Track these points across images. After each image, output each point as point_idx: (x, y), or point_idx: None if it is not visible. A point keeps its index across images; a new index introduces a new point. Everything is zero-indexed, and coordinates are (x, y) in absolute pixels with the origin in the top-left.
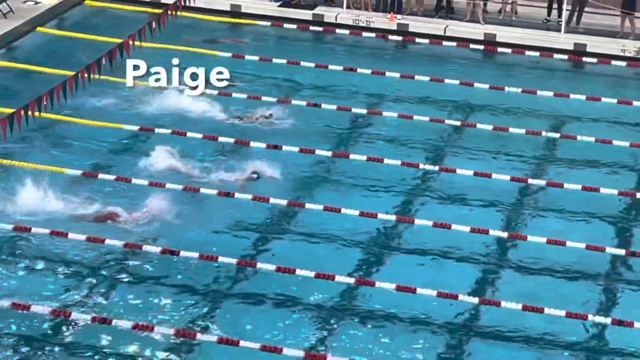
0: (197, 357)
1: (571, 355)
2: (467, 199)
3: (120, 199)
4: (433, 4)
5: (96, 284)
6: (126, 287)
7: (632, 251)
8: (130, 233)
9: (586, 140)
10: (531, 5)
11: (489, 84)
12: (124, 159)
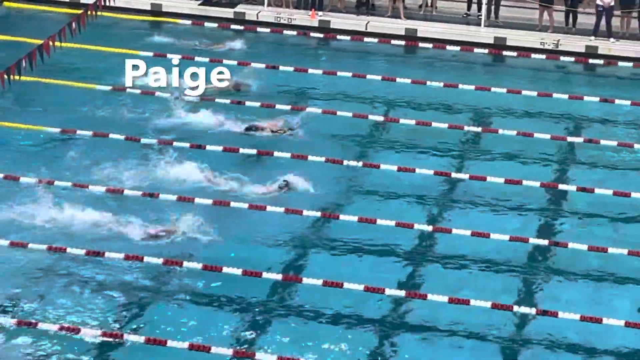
0: None
1: (498, 346)
2: (390, 194)
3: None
4: (354, 0)
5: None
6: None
7: (555, 241)
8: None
9: (508, 133)
10: (451, 0)
11: (410, 78)
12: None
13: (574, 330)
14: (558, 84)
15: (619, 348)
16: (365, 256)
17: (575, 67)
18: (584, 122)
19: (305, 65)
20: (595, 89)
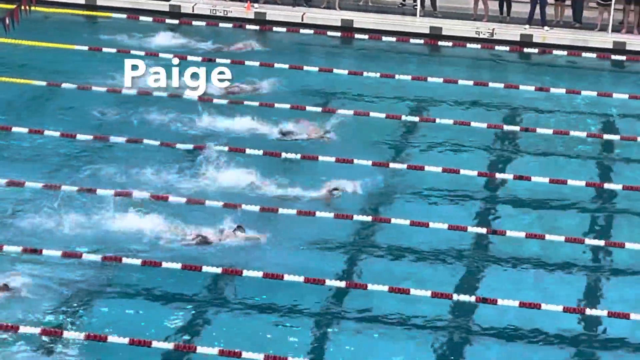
0: None
1: (439, 335)
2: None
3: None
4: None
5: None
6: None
7: (494, 230)
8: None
9: (445, 122)
10: None
11: (347, 69)
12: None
13: (514, 316)
14: (494, 73)
15: (558, 333)
16: None
17: (510, 55)
18: (520, 110)
19: (242, 58)
20: (531, 77)
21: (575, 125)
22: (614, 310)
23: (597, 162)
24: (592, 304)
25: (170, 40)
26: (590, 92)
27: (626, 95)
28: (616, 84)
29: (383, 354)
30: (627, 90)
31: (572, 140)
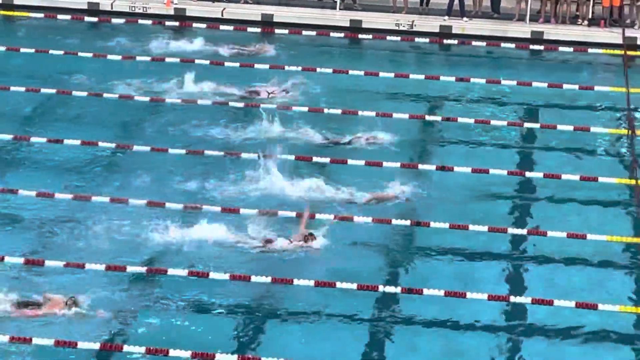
0: None
1: (364, 327)
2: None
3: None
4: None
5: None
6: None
7: (417, 221)
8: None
9: (367, 114)
10: None
11: (269, 64)
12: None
13: (440, 305)
14: (414, 65)
15: (482, 321)
16: None
17: (430, 47)
18: (441, 101)
19: (162, 54)
20: (451, 68)
21: (496, 115)
22: (538, 297)
23: (518, 150)
24: (515, 292)
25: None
26: (509, 82)
27: (545, 84)
28: (535, 73)
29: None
30: (546, 79)
31: (492, 129)
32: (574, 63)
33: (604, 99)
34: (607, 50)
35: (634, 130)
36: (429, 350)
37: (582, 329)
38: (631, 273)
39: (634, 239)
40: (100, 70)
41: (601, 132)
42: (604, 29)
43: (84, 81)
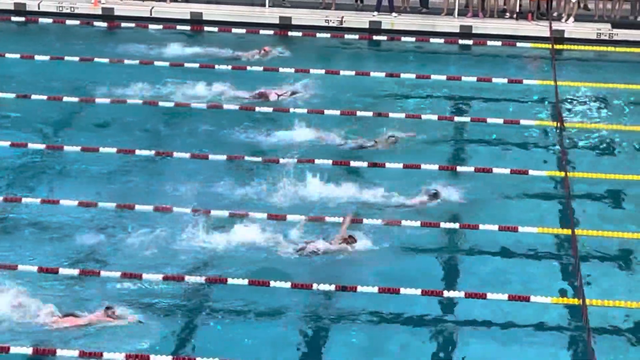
0: None
1: (301, 324)
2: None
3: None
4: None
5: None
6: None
7: (320, 216)
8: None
9: (299, 112)
10: None
11: (199, 63)
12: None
13: (374, 302)
14: (344, 62)
15: (416, 316)
16: None
17: (360, 43)
18: (371, 97)
19: (92, 55)
20: (381, 63)
21: (427, 109)
22: (470, 291)
23: (449, 145)
24: (449, 286)
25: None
26: (439, 76)
27: (474, 77)
28: (464, 67)
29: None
30: (476, 73)
31: (424, 124)
32: (503, 57)
33: (533, 92)
34: (535, 43)
35: (562, 123)
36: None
37: (515, 321)
38: (562, 265)
39: (564, 230)
40: (28, 72)
41: (530, 125)
42: (532, 22)
43: (9, 83)
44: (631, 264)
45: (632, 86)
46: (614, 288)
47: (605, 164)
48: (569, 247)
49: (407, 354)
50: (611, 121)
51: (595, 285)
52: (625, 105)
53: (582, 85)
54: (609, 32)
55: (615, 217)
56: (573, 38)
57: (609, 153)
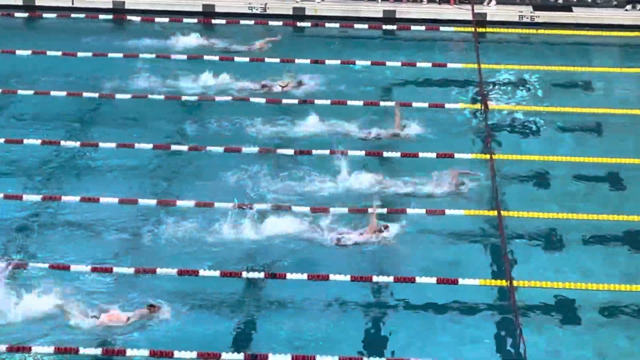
0: None
1: (226, 311)
2: None
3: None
4: None
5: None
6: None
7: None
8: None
9: (224, 100)
10: None
11: (122, 53)
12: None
13: (302, 289)
14: (270, 49)
15: (341, 299)
16: None
17: (284, 30)
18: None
19: (13, 47)
20: (306, 50)
21: (352, 95)
22: (401, 275)
23: (373, 130)
24: (379, 271)
25: None
26: (364, 62)
27: (399, 62)
28: (389, 52)
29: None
30: (400, 58)
31: (348, 110)
32: (427, 41)
33: (457, 75)
34: (458, 27)
35: (487, 105)
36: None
37: (445, 304)
38: (488, 246)
39: (489, 212)
40: None
41: (455, 108)
42: (454, 6)
43: None
44: (556, 245)
45: (553, 68)
46: (540, 268)
47: (529, 144)
48: (496, 228)
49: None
50: (534, 102)
51: (522, 265)
52: (547, 87)
53: (505, 67)
54: (531, 15)
55: (540, 197)
56: (495, 21)
57: (533, 134)
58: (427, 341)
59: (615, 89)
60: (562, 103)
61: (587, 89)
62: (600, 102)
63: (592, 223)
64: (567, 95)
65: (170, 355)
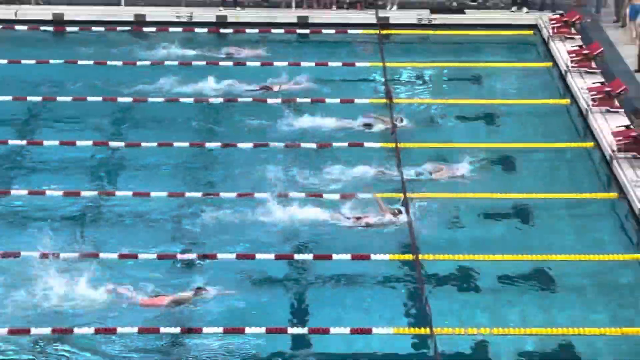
0: None
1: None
2: None
3: None
4: None
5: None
6: None
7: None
8: None
9: (157, 101)
10: None
11: (63, 59)
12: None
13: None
14: (196, 53)
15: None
16: None
17: (209, 36)
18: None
19: None
20: (227, 52)
21: (272, 94)
22: (318, 253)
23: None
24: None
25: None
26: (281, 63)
27: (313, 63)
28: (304, 53)
29: None
30: (314, 59)
31: (269, 109)
32: (337, 43)
33: (364, 73)
34: (364, 30)
35: (391, 99)
36: None
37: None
38: (397, 228)
39: (396, 194)
40: None
41: (364, 103)
42: (360, 11)
43: None
44: (463, 217)
45: (450, 64)
46: (447, 243)
47: (431, 134)
48: (402, 209)
49: None
50: (435, 96)
51: (430, 242)
52: (446, 81)
53: (407, 65)
54: (428, 17)
55: (441, 178)
56: (397, 23)
57: (435, 124)
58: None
59: (503, 81)
60: (458, 95)
61: (479, 82)
62: (491, 94)
63: (488, 201)
64: (462, 88)
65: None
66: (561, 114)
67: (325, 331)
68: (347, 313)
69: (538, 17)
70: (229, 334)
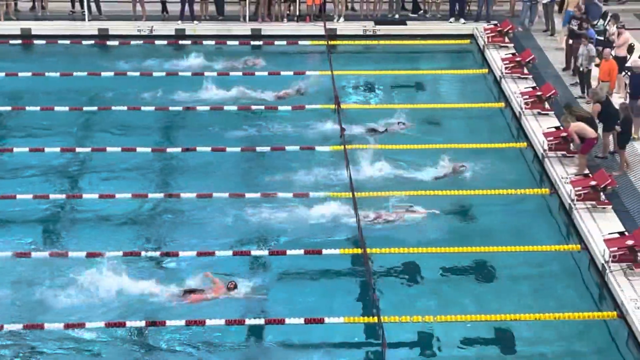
0: None
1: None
2: None
3: None
4: None
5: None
6: None
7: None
8: None
9: (120, 109)
10: (57, 1)
11: (31, 71)
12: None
13: None
14: (155, 64)
15: None
16: None
17: (167, 49)
18: (182, 92)
19: None
20: (187, 65)
21: (229, 101)
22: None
23: (252, 132)
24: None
25: None
26: (236, 73)
27: (266, 72)
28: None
29: None
30: (267, 68)
31: (225, 114)
32: (288, 53)
33: (314, 81)
34: (314, 40)
35: (339, 104)
36: None
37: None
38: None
39: (346, 194)
40: None
41: (314, 108)
42: (310, 23)
43: None
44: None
45: (393, 72)
46: (392, 236)
47: (377, 137)
48: (351, 206)
49: None
50: (379, 101)
51: (377, 236)
52: (390, 88)
53: (353, 73)
54: (373, 29)
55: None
56: (344, 34)
57: (378, 127)
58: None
59: (442, 87)
60: (401, 100)
61: (420, 88)
62: (432, 99)
63: (437, 197)
64: (404, 94)
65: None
66: (497, 116)
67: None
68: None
69: (474, 27)
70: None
